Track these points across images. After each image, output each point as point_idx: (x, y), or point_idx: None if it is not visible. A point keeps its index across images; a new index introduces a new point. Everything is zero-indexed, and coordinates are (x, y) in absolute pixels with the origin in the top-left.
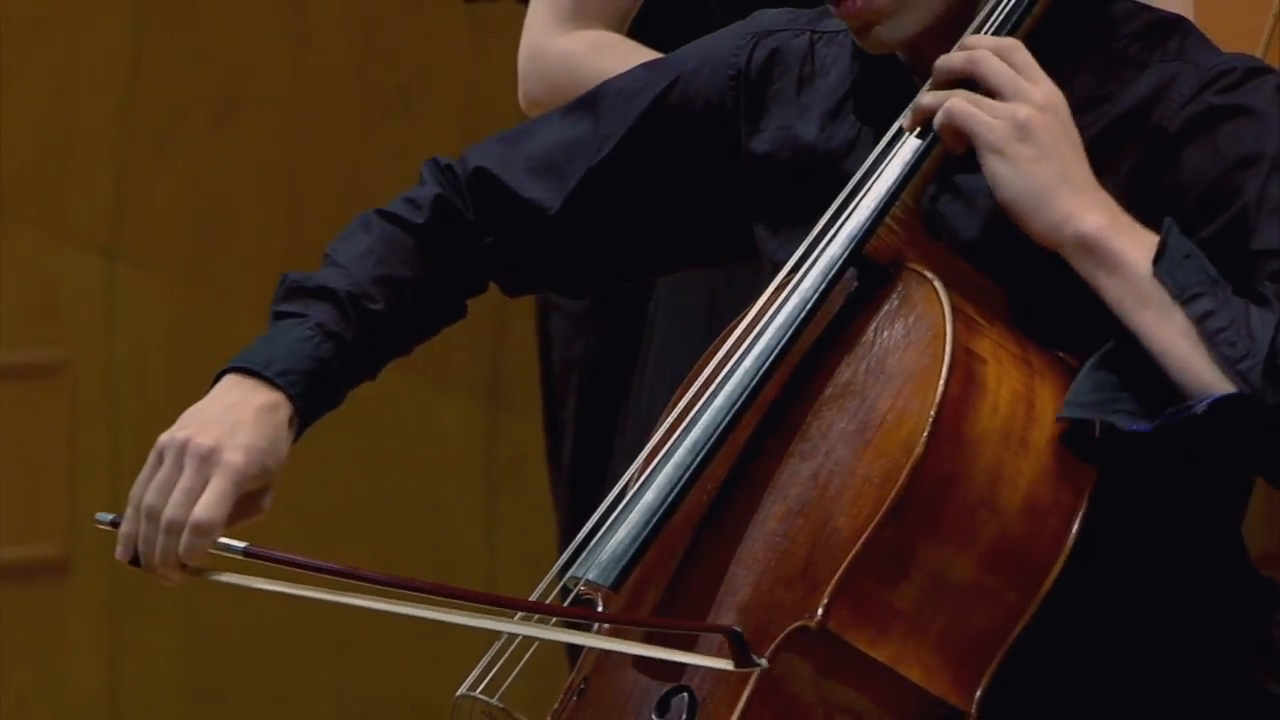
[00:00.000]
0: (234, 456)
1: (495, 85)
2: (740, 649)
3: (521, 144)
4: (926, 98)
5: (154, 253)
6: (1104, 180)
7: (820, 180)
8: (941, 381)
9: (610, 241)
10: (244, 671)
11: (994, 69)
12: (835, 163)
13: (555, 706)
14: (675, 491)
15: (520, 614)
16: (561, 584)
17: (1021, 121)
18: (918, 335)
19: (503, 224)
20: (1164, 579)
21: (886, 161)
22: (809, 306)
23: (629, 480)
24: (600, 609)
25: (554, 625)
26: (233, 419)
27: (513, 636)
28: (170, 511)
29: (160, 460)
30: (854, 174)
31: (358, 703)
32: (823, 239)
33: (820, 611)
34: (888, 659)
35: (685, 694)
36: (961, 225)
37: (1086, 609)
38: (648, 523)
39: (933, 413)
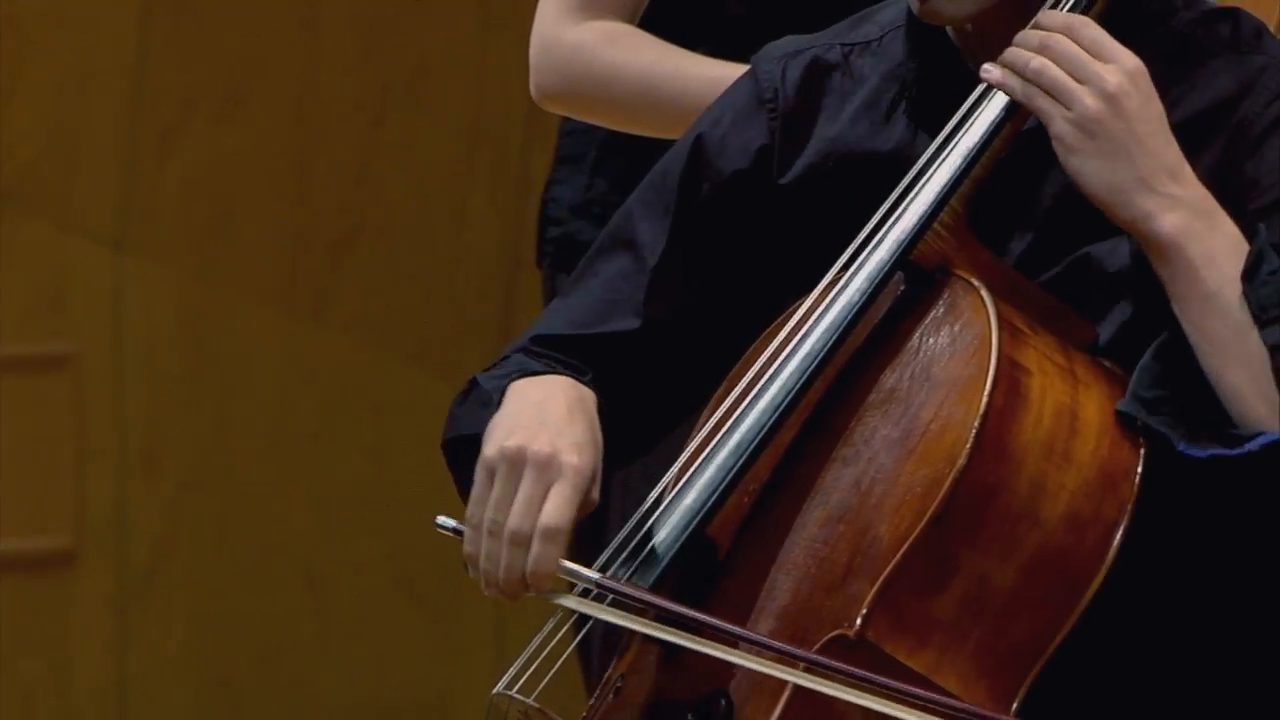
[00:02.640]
0: (572, 458)
1: (503, 77)
2: None
3: (570, 298)
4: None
5: (162, 245)
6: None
7: (873, 183)
8: (986, 393)
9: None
10: (252, 664)
11: (1065, 50)
12: (889, 164)
13: (591, 702)
14: (717, 494)
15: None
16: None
17: (1092, 116)
18: (963, 344)
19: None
20: (1209, 597)
21: (938, 163)
22: (855, 311)
23: (670, 481)
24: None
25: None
26: (551, 416)
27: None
28: (514, 522)
29: (492, 475)
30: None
31: (367, 695)
32: (870, 242)
33: (859, 620)
34: (925, 669)
35: (723, 699)
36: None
37: (1126, 623)
38: (689, 524)
39: (976, 424)
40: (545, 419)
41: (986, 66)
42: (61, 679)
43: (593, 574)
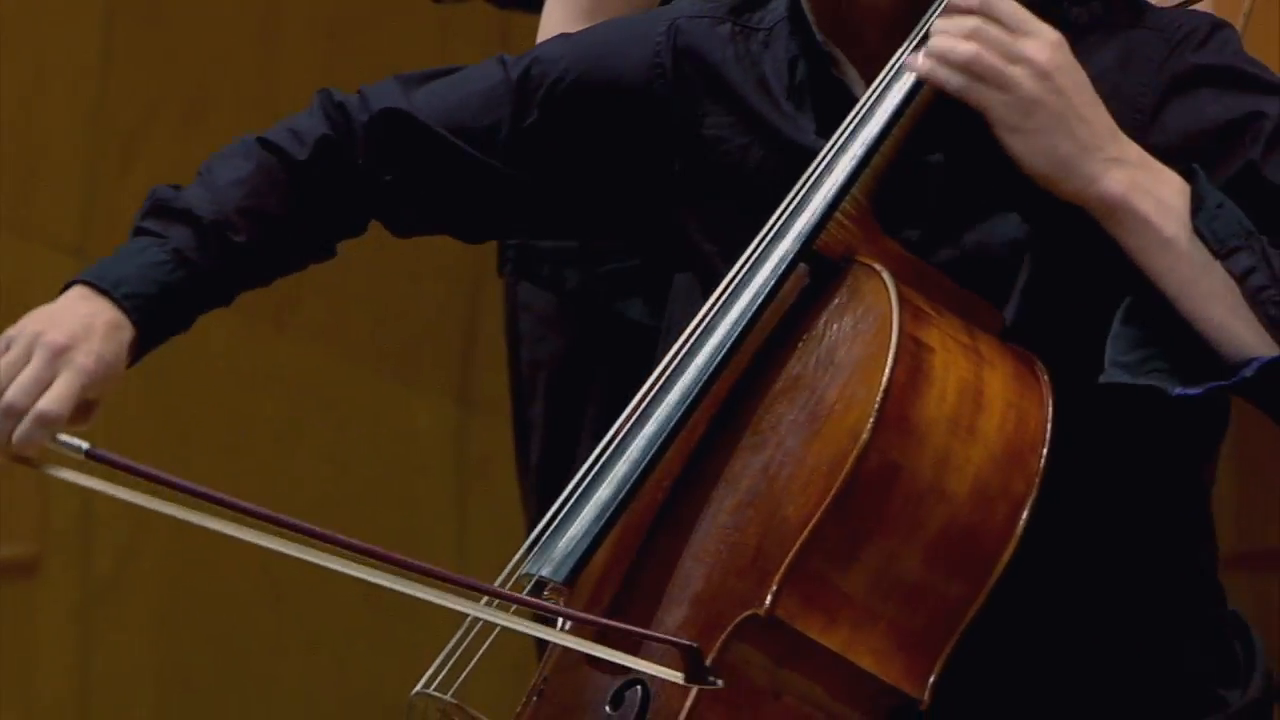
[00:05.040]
0: (86, 360)
1: None
2: (696, 664)
3: (439, 90)
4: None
5: None
6: None
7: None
8: (887, 369)
9: (522, 197)
10: (214, 671)
11: (992, 35)
12: (788, 160)
13: (517, 710)
14: (629, 487)
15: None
16: (514, 579)
17: (1031, 96)
18: (865, 326)
19: (411, 163)
20: (1122, 570)
21: (839, 153)
22: (760, 302)
23: (582, 476)
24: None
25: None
26: (85, 325)
27: (470, 629)
28: (13, 395)
29: (7, 347)
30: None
31: (328, 702)
32: (773, 233)
33: (769, 599)
34: (839, 647)
35: (639, 686)
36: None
37: (1041, 597)
38: (600, 518)
39: (878, 399)
40: (79, 324)
41: (910, 59)
42: (23, 688)
43: (83, 444)
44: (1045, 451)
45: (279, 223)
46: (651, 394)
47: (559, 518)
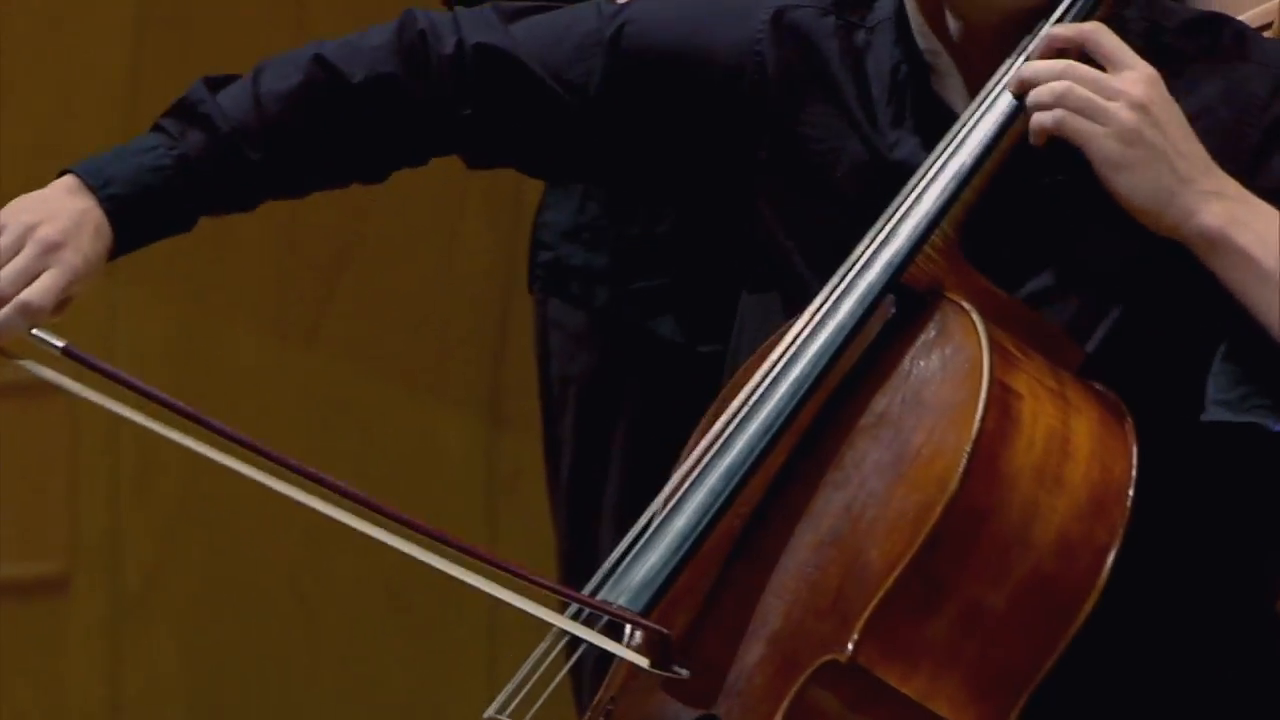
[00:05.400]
0: (75, 258)
1: None
2: (664, 652)
3: (537, 30)
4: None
5: (153, 269)
6: None
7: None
8: (978, 418)
9: (605, 147)
10: (245, 688)
11: (1084, 72)
12: (881, 172)
13: None
14: (709, 518)
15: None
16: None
17: (1131, 128)
18: (954, 368)
19: (501, 98)
20: (1186, 606)
21: (929, 184)
22: (846, 333)
23: (659, 505)
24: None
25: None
26: (76, 223)
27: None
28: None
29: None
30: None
31: (360, 716)
32: (860, 263)
33: (851, 646)
34: (917, 694)
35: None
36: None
37: (1107, 635)
38: (679, 548)
39: (968, 449)
40: (71, 221)
41: (1008, 92)
42: (54, 704)
43: (58, 341)
44: (1130, 500)
45: (302, 144)
46: (734, 422)
47: (637, 546)
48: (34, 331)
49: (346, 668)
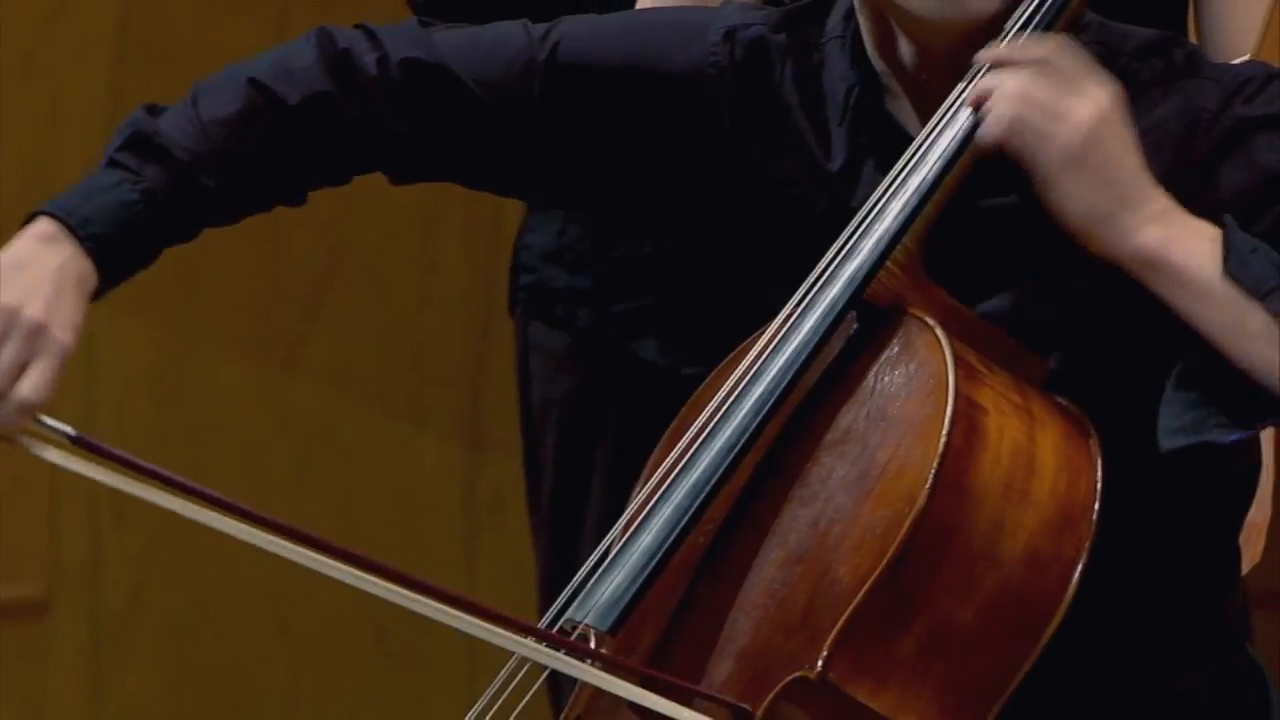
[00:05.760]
0: (64, 335)
1: None
2: None
3: (464, 44)
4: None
5: (133, 293)
6: None
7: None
8: (944, 433)
9: (543, 163)
10: (225, 712)
11: (1042, 90)
12: (835, 193)
13: None
14: (674, 535)
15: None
16: (557, 626)
17: (1075, 150)
18: (919, 383)
19: (434, 113)
20: (1141, 612)
21: (890, 199)
22: (809, 349)
23: (625, 523)
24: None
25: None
26: (56, 287)
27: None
28: None
29: None
30: (853, 206)
31: None
32: (821, 280)
33: (820, 663)
34: (887, 710)
35: None
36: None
37: (1077, 652)
38: (646, 566)
39: (935, 464)
40: (50, 286)
41: (962, 109)
42: None
43: (69, 430)
44: (1096, 513)
45: (254, 169)
46: (699, 439)
47: (603, 565)
48: (43, 419)
49: (326, 692)
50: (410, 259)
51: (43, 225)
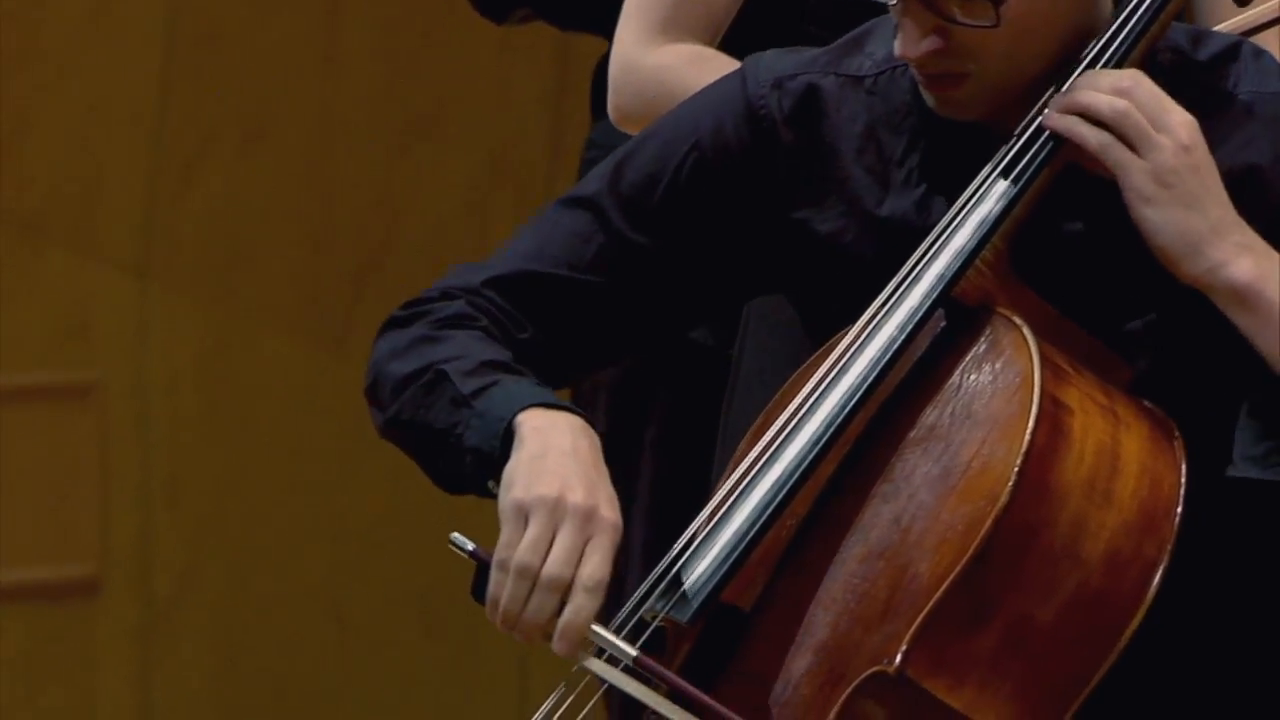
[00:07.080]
0: (610, 513)
1: (524, 106)
2: None
3: (536, 244)
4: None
5: (184, 274)
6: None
7: (887, 250)
8: (1029, 431)
9: (650, 306)
10: (274, 694)
11: (1141, 98)
12: (904, 231)
13: None
14: (756, 528)
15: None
16: (638, 616)
17: (1170, 166)
18: (1005, 382)
19: (546, 314)
20: (1232, 624)
21: (975, 202)
22: (896, 346)
23: (705, 516)
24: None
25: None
26: (583, 468)
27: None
28: (554, 569)
29: (526, 518)
30: (926, 232)
31: None
32: (910, 278)
33: (899, 658)
34: (964, 707)
35: None
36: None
37: (1157, 654)
38: (728, 559)
39: (1019, 463)
40: (579, 469)
41: (1049, 114)
42: (84, 709)
43: (630, 649)
44: (1178, 517)
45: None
46: (783, 433)
47: (684, 557)
48: (605, 635)
49: (376, 676)
50: (461, 240)
51: (536, 415)
